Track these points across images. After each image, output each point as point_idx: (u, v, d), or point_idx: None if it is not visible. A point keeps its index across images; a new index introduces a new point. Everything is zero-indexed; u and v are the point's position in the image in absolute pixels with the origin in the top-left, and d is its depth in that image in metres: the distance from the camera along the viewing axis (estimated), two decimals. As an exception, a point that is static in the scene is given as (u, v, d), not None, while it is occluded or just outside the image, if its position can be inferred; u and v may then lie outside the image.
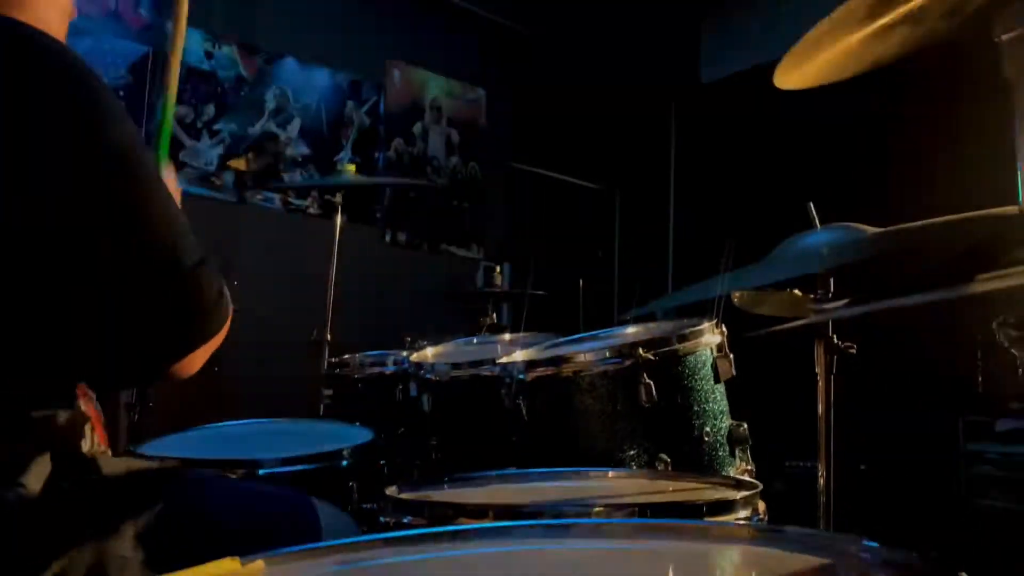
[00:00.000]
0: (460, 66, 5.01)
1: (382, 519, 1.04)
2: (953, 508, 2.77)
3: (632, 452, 1.48)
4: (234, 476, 1.47)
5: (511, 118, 5.17)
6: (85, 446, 0.95)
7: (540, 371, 1.58)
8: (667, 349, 1.52)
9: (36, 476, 0.84)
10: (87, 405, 0.97)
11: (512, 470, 1.31)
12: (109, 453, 1.04)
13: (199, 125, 3.93)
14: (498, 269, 3.99)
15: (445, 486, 1.23)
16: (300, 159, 4.29)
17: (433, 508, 1.01)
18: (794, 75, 1.25)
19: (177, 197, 1.00)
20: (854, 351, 1.50)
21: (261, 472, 1.48)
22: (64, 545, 0.83)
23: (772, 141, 3.88)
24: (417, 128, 4.82)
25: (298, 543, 0.68)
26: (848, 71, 1.24)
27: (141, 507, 0.91)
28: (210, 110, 3.97)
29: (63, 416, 0.90)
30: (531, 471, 1.28)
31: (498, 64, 5.14)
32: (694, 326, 1.58)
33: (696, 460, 1.51)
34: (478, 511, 0.97)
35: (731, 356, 1.60)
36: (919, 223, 1.22)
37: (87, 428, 0.96)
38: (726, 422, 1.57)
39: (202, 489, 1.08)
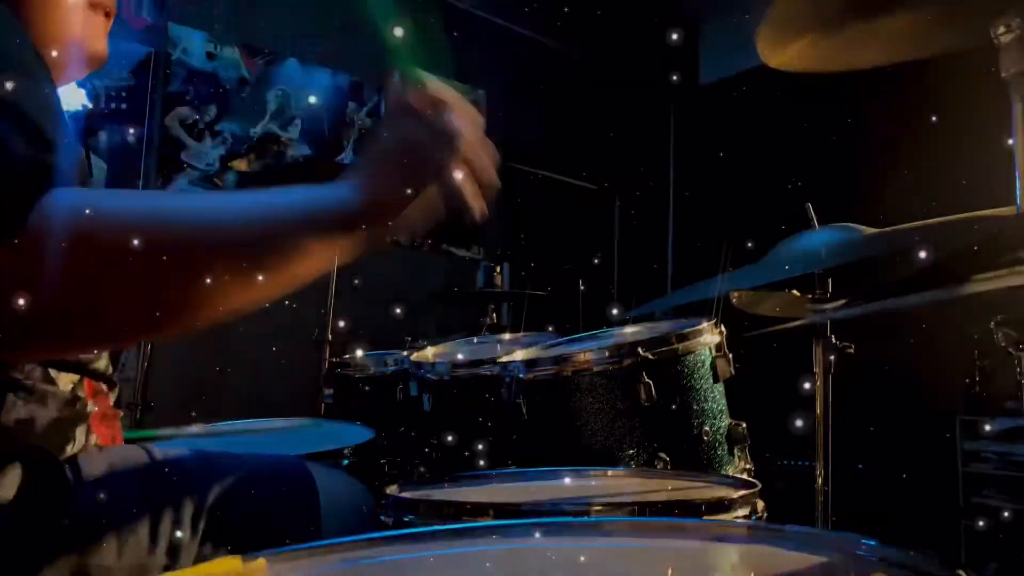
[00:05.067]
0: (460, 67, 5.02)
1: (383, 518, 1.04)
2: (950, 506, 2.77)
3: (631, 451, 1.49)
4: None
5: (511, 119, 5.17)
6: (73, 448, 0.92)
7: (540, 370, 1.58)
8: (666, 349, 1.53)
9: (6, 485, 0.81)
10: (97, 402, 0.96)
11: (512, 469, 1.31)
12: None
13: (201, 126, 3.93)
14: (498, 269, 4.00)
15: (445, 485, 1.23)
16: (301, 160, 4.30)
17: (434, 507, 1.02)
18: (778, 52, 1.24)
19: None
20: (852, 351, 1.51)
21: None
22: (40, 555, 0.81)
23: (771, 142, 3.88)
24: (417, 128, 4.82)
25: (296, 511, 0.67)
26: (836, 62, 1.24)
27: (125, 506, 0.89)
28: (212, 111, 3.97)
29: (43, 420, 0.87)
30: (531, 470, 1.28)
31: (498, 66, 5.14)
32: (693, 326, 1.59)
33: (695, 459, 1.52)
34: (478, 510, 0.97)
35: (730, 356, 1.60)
36: (918, 223, 1.23)
37: (79, 430, 0.93)
38: (725, 421, 1.58)
39: (191, 473, 1.02)
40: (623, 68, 4.53)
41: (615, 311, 1.97)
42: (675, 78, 4.39)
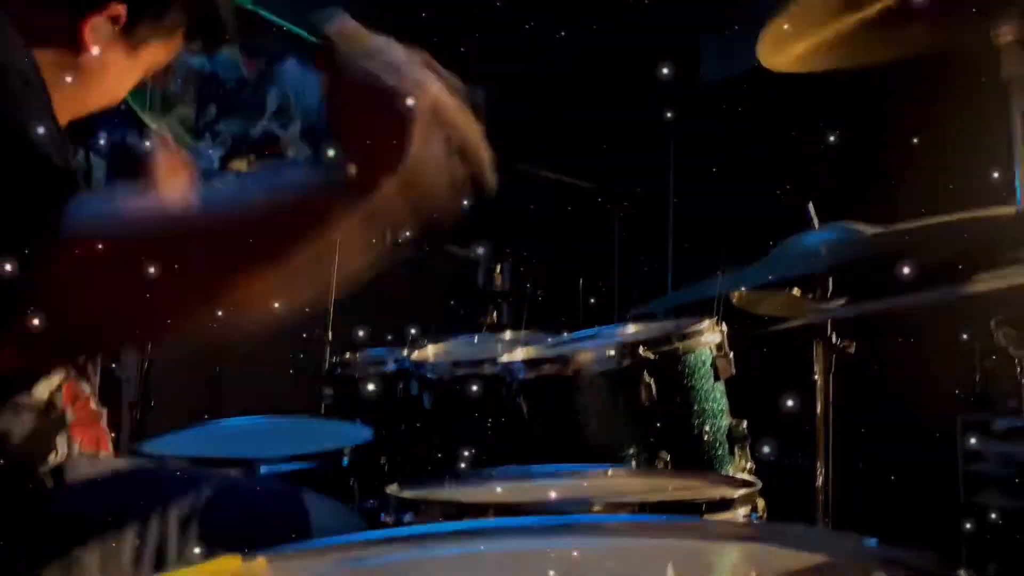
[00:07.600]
0: (461, 67, 5.01)
1: (383, 517, 1.04)
2: (951, 506, 2.77)
3: (632, 450, 1.49)
4: (234, 472, 1.48)
5: (511, 118, 5.17)
6: (55, 457, 0.90)
7: (541, 370, 1.58)
8: (667, 348, 1.53)
9: None
10: (83, 408, 0.94)
11: (512, 468, 1.32)
12: (102, 455, 1.00)
13: (200, 126, 3.94)
14: (498, 269, 3.99)
15: (446, 484, 1.23)
16: (301, 160, 4.30)
17: (434, 506, 1.02)
18: (780, 55, 1.25)
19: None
20: (853, 350, 1.51)
21: (262, 470, 1.49)
22: (21, 572, 0.79)
23: (771, 141, 3.88)
24: (417, 128, 4.83)
25: (285, 539, 0.67)
26: (837, 61, 1.25)
27: (108, 520, 0.87)
28: (211, 111, 3.97)
29: (18, 432, 0.84)
30: (531, 469, 1.28)
31: (499, 66, 5.14)
32: (694, 325, 1.59)
33: (696, 458, 1.52)
34: (478, 510, 0.97)
35: (731, 355, 1.60)
36: (918, 223, 1.23)
37: (59, 439, 0.90)
38: (726, 420, 1.58)
39: (182, 490, 1.00)
40: (623, 67, 4.52)
41: (615, 311, 1.97)
42: (675, 77, 4.39)
